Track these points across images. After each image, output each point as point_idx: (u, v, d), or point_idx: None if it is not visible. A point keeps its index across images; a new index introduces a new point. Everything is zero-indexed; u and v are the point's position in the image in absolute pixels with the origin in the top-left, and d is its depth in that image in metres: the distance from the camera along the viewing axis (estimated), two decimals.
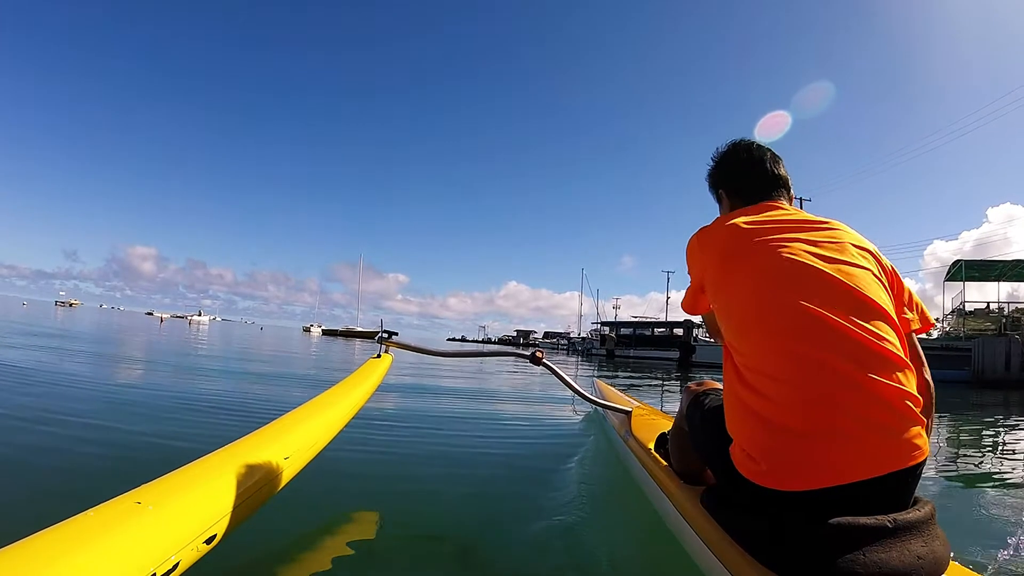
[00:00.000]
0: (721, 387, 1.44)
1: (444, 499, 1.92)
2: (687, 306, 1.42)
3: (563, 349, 60.21)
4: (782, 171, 1.36)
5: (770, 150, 1.38)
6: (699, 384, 1.49)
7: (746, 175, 1.37)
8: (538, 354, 2.43)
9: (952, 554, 0.98)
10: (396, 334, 2.89)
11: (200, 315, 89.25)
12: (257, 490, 1.25)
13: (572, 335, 74.34)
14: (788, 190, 1.36)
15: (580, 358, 30.29)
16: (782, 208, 1.27)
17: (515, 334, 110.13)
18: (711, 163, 1.47)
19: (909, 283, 1.21)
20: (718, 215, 1.46)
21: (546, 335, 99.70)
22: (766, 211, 1.24)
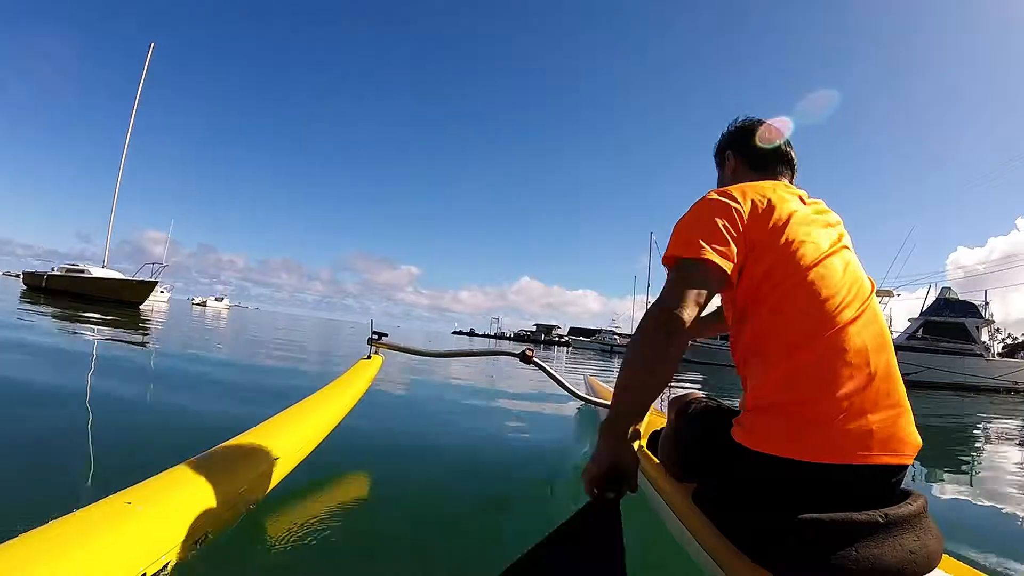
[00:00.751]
0: (703, 396, 1.46)
1: (438, 498, 1.91)
2: (721, 254, 1.06)
3: (607, 351, 42.27)
4: (793, 154, 1.39)
5: (784, 136, 1.41)
6: (684, 395, 1.51)
7: (761, 147, 1.38)
8: (528, 353, 2.43)
9: (945, 547, 1.00)
10: (386, 335, 2.88)
11: (221, 300, 76.87)
12: (247, 491, 1.24)
13: (617, 332, 59.06)
14: (793, 172, 1.39)
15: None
16: (789, 186, 1.29)
17: (534, 329, 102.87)
18: (727, 128, 1.47)
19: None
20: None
21: (572, 331, 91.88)
22: (782, 188, 1.24)
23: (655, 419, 2.27)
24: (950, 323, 22.10)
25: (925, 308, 23.64)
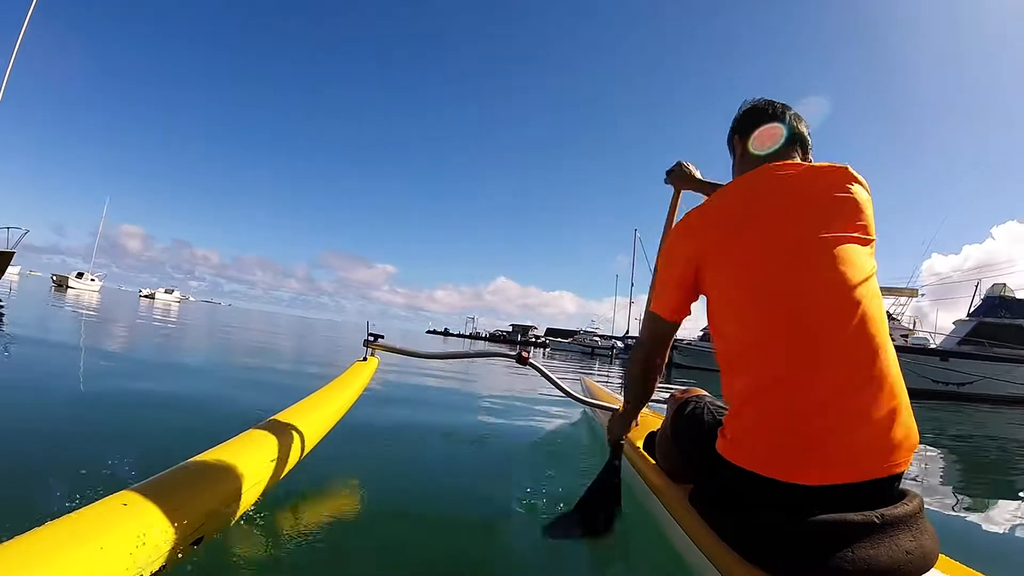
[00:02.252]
0: (704, 393, 1.46)
1: (433, 499, 1.91)
2: (671, 310, 1.33)
3: (587, 353, 40.54)
4: (801, 129, 1.33)
5: (792, 109, 1.35)
6: (684, 392, 1.50)
7: (764, 124, 1.34)
8: (524, 354, 2.42)
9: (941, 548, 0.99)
10: (382, 336, 2.86)
11: (171, 292, 71.43)
12: (243, 492, 1.24)
13: (598, 333, 56.04)
14: (805, 149, 1.32)
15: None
16: (788, 167, 1.20)
17: (510, 329, 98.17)
18: (737, 112, 1.44)
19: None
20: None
21: (549, 332, 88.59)
22: (768, 175, 1.20)
23: (651, 420, 2.28)
24: (1007, 325, 18.75)
25: (974, 308, 20.63)
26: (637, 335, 1.52)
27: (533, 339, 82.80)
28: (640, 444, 1.87)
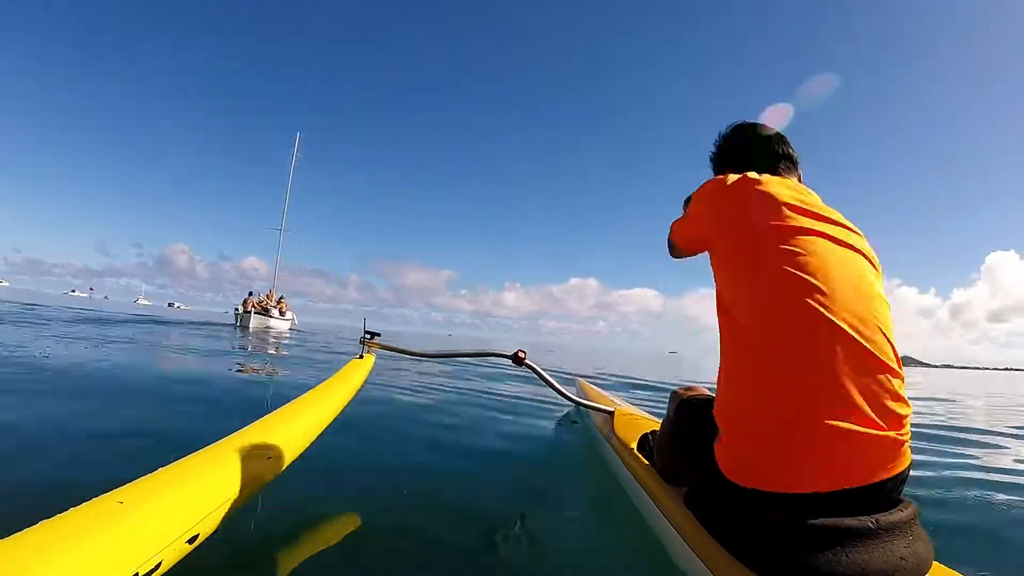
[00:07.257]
0: (707, 392, 1.45)
1: (425, 499, 1.91)
2: (685, 242, 1.39)
3: None
4: (789, 151, 1.33)
5: (776, 131, 1.36)
6: (686, 389, 1.49)
7: (752, 149, 1.34)
8: (520, 354, 2.42)
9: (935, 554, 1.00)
10: (379, 335, 2.86)
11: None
12: (239, 490, 1.24)
13: None
14: (797, 168, 1.33)
15: None
16: (786, 181, 1.20)
17: None
18: (714, 145, 1.45)
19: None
20: None
21: None
22: (778, 181, 1.17)
23: (644, 422, 2.28)
24: None
25: None
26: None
27: None
28: (634, 446, 1.88)
